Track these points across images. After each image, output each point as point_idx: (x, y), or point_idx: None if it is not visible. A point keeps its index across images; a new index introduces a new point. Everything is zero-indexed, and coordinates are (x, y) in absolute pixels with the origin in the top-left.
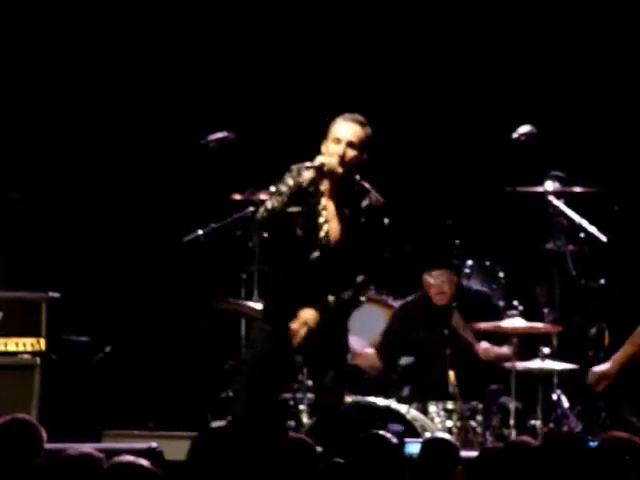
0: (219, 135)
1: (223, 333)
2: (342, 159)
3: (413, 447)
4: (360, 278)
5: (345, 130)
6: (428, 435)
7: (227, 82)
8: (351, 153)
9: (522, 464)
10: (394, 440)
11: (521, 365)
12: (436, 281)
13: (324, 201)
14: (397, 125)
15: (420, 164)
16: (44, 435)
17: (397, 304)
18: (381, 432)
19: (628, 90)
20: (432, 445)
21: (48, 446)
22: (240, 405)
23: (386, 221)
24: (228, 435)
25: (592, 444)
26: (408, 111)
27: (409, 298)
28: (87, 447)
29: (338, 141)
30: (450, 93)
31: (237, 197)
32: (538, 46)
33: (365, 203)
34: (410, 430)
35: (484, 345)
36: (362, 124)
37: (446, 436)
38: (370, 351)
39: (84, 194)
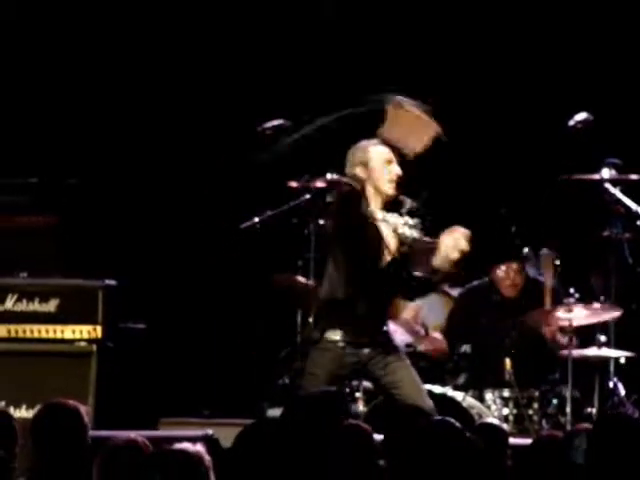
0: (275, 122)
1: (279, 320)
2: (399, 177)
3: None
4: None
5: (389, 151)
6: None
7: (284, 70)
8: None
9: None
10: (458, 425)
11: (578, 353)
12: (508, 274)
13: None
14: (451, 115)
15: (476, 153)
16: (87, 421)
17: (455, 292)
18: (447, 418)
19: None
20: (482, 430)
21: (95, 433)
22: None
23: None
24: (278, 424)
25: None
26: (463, 101)
27: (474, 284)
28: (134, 434)
29: (390, 162)
30: (507, 81)
31: (293, 185)
32: (594, 32)
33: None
34: (466, 417)
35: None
36: None
37: (495, 422)
38: (438, 335)
39: (142, 181)
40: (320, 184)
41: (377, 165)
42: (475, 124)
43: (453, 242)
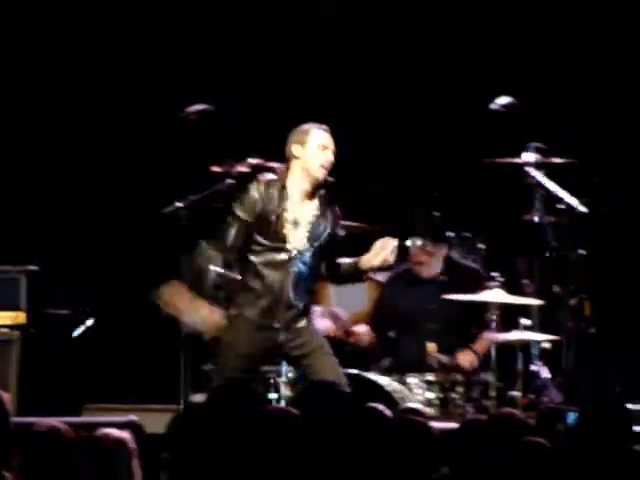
0: (198, 107)
1: None
2: (331, 165)
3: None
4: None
5: (329, 139)
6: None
7: (206, 54)
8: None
9: (504, 436)
10: (388, 413)
11: (501, 337)
12: (412, 250)
13: (294, 205)
14: (377, 97)
15: (400, 136)
16: (9, 407)
17: (380, 277)
18: (376, 405)
19: (607, 61)
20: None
21: (18, 420)
22: (219, 379)
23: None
24: (207, 408)
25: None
26: (388, 84)
27: (395, 270)
28: (55, 421)
29: (325, 148)
30: (429, 65)
31: (216, 169)
32: (516, 16)
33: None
34: (390, 402)
35: (465, 358)
36: None
37: (417, 406)
38: (363, 328)
39: (62, 165)
40: (243, 169)
41: (313, 147)
42: (401, 108)
43: (381, 253)
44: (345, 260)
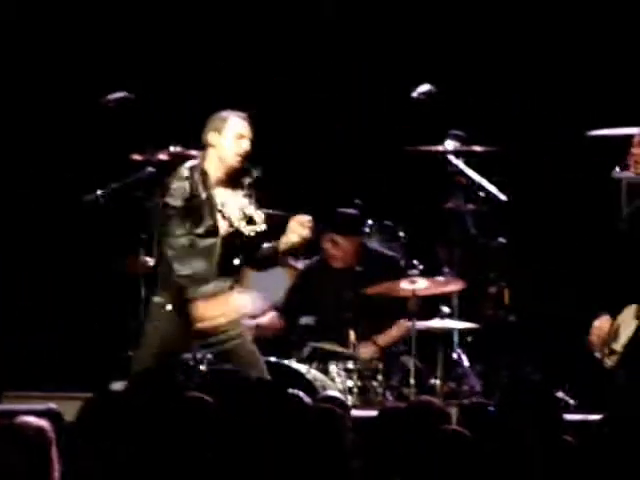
0: (118, 95)
1: (124, 292)
2: (247, 154)
3: None
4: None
5: (247, 127)
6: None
7: (128, 41)
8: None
9: (422, 424)
10: (308, 400)
11: (421, 324)
12: (327, 244)
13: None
14: (295, 84)
15: (318, 124)
16: None
17: (300, 264)
18: (294, 391)
19: (527, 47)
20: (324, 402)
21: None
22: (137, 367)
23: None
24: (122, 396)
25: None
26: (307, 69)
27: (311, 260)
28: None
29: (242, 137)
30: (349, 51)
31: (137, 157)
32: (436, 3)
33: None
34: (310, 390)
35: (364, 350)
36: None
37: (337, 394)
38: (271, 312)
39: None
40: (163, 157)
41: (229, 136)
42: (319, 95)
43: (297, 229)
44: (264, 245)
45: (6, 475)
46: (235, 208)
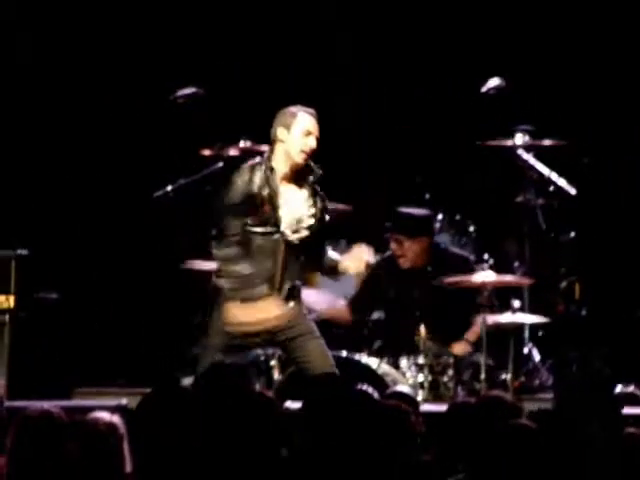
0: (188, 91)
1: (192, 289)
2: (313, 151)
3: None
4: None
5: (315, 124)
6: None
7: (196, 38)
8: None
9: (493, 419)
10: (376, 395)
11: (492, 319)
12: (393, 245)
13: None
14: (364, 81)
15: (390, 120)
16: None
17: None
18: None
19: (598, 43)
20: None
21: (10, 404)
22: (202, 364)
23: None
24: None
25: None
26: (376, 67)
27: (382, 256)
28: (48, 404)
29: (309, 134)
30: (419, 47)
31: (206, 152)
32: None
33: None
34: (381, 384)
35: (459, 348)
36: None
37: (405, 389)
38: (341, 304)
39: (51, 151)
40: (233, 152)
41: (297, 132)
42: (389, 91)
43: (355, 262)
44: (331, 254)
45: (79, 470)
46: (295, 209)
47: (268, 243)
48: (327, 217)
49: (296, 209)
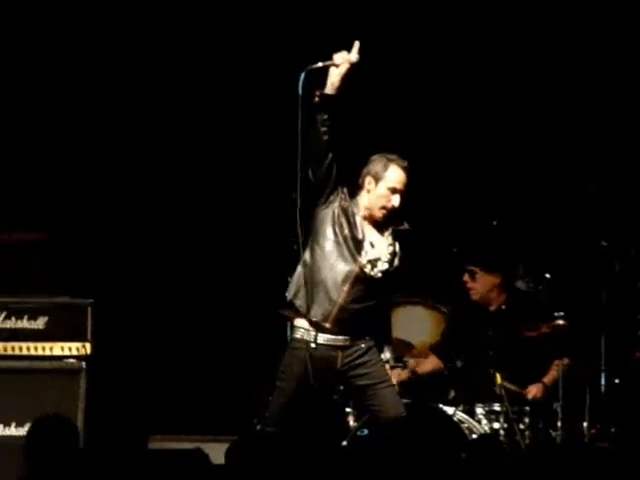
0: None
1: (272, 334)
2: (394, 209)
3: None
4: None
5: (403, 181)
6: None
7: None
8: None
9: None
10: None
11: (569, 365)
12: (464, 277)
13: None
14: (440, 123)
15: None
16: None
17: (444, 308)
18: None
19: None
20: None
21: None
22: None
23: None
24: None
25: None
26: (450, 105)
27: (460, 302)
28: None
29: (395, 191)
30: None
31: None
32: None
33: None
34: (457, 432)
35: (533, 391)
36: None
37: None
38: (431, 356)
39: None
40: None
41: (383, 187)
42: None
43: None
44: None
45: None
46: (378, 250)
47: (345, 266)
48: (397, 263)
49: (378, 250)
